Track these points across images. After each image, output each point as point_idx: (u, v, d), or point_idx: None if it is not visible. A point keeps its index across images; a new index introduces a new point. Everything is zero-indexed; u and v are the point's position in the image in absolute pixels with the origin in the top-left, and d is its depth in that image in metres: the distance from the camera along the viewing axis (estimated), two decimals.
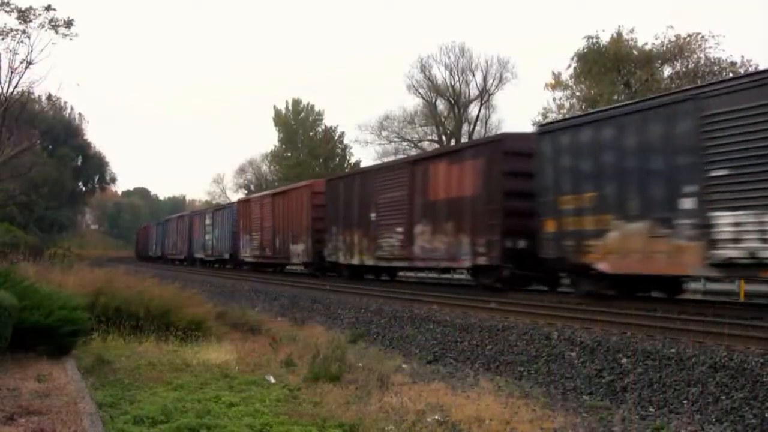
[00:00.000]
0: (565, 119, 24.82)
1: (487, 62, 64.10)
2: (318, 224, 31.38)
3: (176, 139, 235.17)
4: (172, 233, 66.41)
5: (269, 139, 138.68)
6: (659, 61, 42.64)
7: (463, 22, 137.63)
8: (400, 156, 61.66)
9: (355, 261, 28.13)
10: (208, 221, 52.89)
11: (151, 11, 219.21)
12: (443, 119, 66.96)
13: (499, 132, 51.22)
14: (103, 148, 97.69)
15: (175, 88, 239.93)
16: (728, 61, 39.77)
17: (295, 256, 34.61)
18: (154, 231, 76.41)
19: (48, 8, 38.43)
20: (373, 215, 26.60)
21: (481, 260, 20.41)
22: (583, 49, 43.04)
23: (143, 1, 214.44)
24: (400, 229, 24.57)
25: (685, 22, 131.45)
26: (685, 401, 9.47)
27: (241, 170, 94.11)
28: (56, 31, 38.92)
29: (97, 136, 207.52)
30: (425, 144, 66.25)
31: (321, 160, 78.22)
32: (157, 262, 68.22)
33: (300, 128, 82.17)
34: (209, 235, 52.35)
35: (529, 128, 32.68)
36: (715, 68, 39.58)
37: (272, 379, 11.28)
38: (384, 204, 25.84)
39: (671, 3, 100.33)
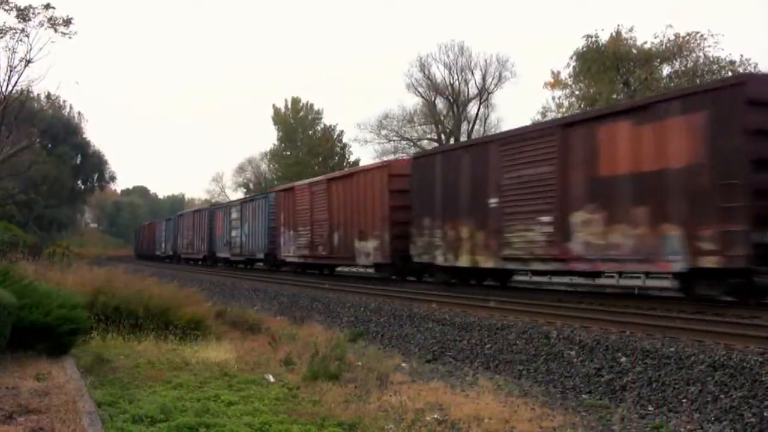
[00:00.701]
0: None
1: (486, 61, 64.22)
2: (399, 215, 24.89)
3: (175, 137, 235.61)
4: (187, 230, 59.50)
5: (268, 137, 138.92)
6: (658, 60, 42.70)
7: (462, 21, 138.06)
8: (400, 155, 61.70)
9: (463, 262, 21.40)
10: (234, 215, 45.51)
11: (151, 10, 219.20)
12: (442, 118, 67.01)
13: (497, 131, 51.10)
14: (103, 146, 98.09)
15: (175, 87, 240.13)
16: (727, 60, 39.86)
17: (363, 256, 27.72)
18: (163, 228, 69.37)
19: (47, 7, 38.47)
20: (493, 201, 19.86)
21: (708, 261, 14.12)
22: (582, 48, 43.11)
23: (142, 0, 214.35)
24: (545, 219, 17.96)
25: (685, 21, 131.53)
26: (684, 400, 9.47)
27: (241, 169, 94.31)
28: (55, 30, 38.96)
29: (96, 134, 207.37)
30: (425, 143, 66.23)
31: (320, 158, 78.23)
32: (165, 263, 65.35)
33: (299, 127, 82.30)
34: (236, 231, 44.81)
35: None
36: (714, 67, 39.63)
37: (271, 378, 11.28)
38: (512, 185, 19.16)
39: (671, 2, 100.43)
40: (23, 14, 38.07)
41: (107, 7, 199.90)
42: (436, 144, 63.12)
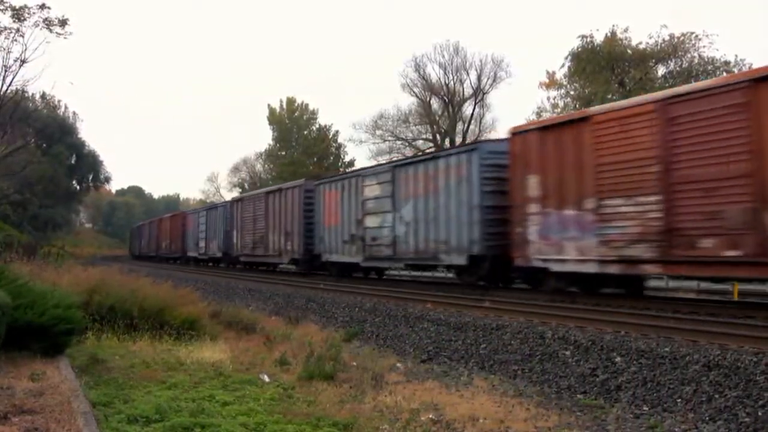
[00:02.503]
0: None
1: (481, 61, 64.20)
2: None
3: (171, 137, 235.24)
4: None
5: (264, 137, 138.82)
6: (653, 61, 42.78)
7: (457, 21, 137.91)
8: (396, 155, 61.70)
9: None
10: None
11: (146, 10, 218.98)
12: (437, 118, 66.99)
13: (493, 131, 50.86)
14: (98, 146, 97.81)
15: (170, 87, 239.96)
16: (722, 60, 39.96)
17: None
18: (195, 222, 53.38)
19: (42, 7, 38.50)
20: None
21: None
22: (578, 48, 43.22)
23: (138, 0, 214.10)
24: None
25: (685, 21, 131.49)
26: (678, 400, 9.49)
27: (236, 169, 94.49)
28: (50, 30, 38.96)
29: (91, 134, 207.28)
30: (420, 143, 66.34)
31: (315, 158, 78.21)
32: (153, 261, 65.25)
33: (294, 127, 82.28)
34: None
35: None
36: (709, 67, 39.74)
37: (266, 378, 11.28)
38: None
39: (666, 3, 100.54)
40: (18, 14, 38.11)
41: (104, 7, 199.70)
42: (431, 144, 63.23)
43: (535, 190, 17.58)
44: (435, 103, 67.18)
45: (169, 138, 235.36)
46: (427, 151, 58.34)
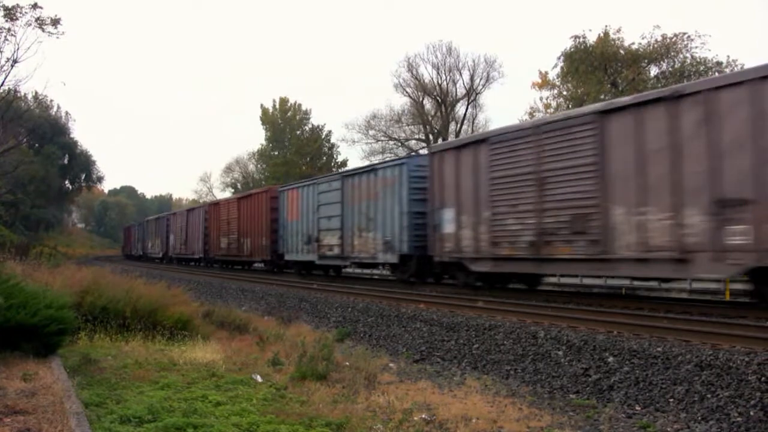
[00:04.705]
0: None
1: (474, 61, 64.18)
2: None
3: (164, 137, 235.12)
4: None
5: (257, 138, 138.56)
6: (645, 61, 42.84)
7: (450, 22, 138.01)
8: (388, 155, 61.71)
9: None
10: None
11: (139, 11, 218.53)
12: (430, 118, 66.95)
13: (485, 131, 51.06)
14: (90, 146, 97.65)
15: (163, 87, 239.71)
16: (714, 60, 40.06)
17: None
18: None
19: (34, 6, 38.22)
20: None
21: None
22: (570, 48, 43.24)
23: (130, 1, 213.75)
24: None
25: (677, 21, 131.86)
26: (671, 399, 9.51)
27: (228, 169, 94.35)
28: (43, 30, 38.72)
29: (83, 134, 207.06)
30: (412, 143, 66.29)
31: (308, 158, 78.10)
32: (142, 261, 66.15)
33: (287, 127, 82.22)
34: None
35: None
36: (701, 68, 39.82)
37: (259, 378, 11.26)
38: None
39: (663, 3, 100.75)
40: (10, 14, 37.84)
41: (96, 7, 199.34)
42: (424, 144, 63.23)
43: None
44: (428, 103, 67.17)
45: (162, 138, 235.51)
46: (386, 158, 58.42)
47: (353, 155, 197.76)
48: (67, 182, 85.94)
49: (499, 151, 18.52)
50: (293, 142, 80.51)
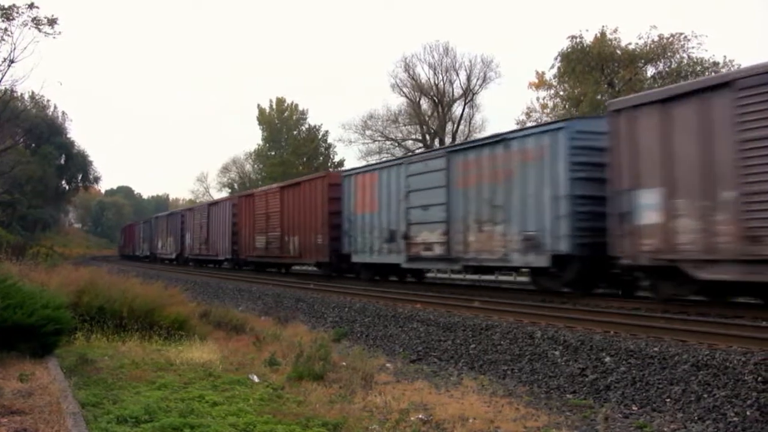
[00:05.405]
0: None
1: (470, 61, 64.04)
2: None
3: (160, 137, 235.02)
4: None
5: (254, 138, 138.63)
6: (642, 61, 42.84)
7: (447, 22, 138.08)
8: (385, 155, 61.69)
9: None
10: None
11: (136, 11, 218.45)
12: (427, 118, 66.84)
13: (482, 131, 50.95)
14: (87, 146, 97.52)
15: (160, 88, 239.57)
16: (711, 61, 40.07)
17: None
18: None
19: (31, 6, 38.22)
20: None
21: None
22: (567, 48, 43.17)
23: (128, 1, 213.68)
24: None
25: (675, 21, 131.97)
26: (667, 399, 9.52)
27: (225, 169, 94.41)
28: (39, 30, 38.71)
29: (80, 134, 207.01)
30: (409, 143, 66.26)
31: (305, 159, 78.06)
32: (142, 261, 66.08)
33: (284, 127, 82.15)
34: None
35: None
36: (698, 68, 39.83)
37: (256, 378, 11.27)
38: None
39: (660, 3, 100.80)
40: (7, 13, 37.85)
41: (92, 7, 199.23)
42: (421, 144, 63.18)
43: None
44: (425, 104, 67.05)
45: (159, 138, 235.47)
46: (417, 151, 58.24)
47: (350, 156, 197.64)
48: (63, 182, 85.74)
49: (758, 101, 12.66)
50: (290, 142, 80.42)
